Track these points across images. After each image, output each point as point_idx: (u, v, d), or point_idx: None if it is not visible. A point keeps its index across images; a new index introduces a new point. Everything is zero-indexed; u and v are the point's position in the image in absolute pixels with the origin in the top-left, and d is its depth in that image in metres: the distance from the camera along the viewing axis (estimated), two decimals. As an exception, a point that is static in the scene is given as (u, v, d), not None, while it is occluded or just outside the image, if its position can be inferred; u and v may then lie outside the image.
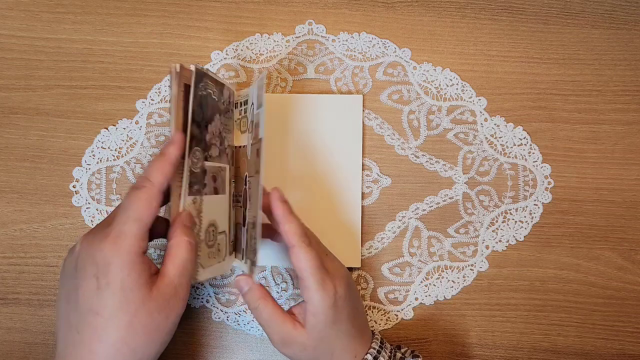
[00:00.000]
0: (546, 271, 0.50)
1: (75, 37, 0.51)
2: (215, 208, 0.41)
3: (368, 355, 0.40)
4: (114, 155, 0.50)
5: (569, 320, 0.49)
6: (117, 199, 0.49)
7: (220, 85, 0.42)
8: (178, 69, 0.36)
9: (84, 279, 0.32)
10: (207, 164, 0.39)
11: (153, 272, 0.34)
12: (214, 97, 0.40)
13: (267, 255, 0.48)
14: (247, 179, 0.44)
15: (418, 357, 0.43)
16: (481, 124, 0.51)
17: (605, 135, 0.51)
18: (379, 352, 0.41)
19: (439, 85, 0.51)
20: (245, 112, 0.45)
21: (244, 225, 0.43)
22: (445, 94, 0.51)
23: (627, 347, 0.49)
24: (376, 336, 0.42)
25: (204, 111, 0.39)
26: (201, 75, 0.38)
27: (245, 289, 0.39)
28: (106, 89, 0.50)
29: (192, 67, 0.37)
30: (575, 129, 0.51)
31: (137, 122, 0.50)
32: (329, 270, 0.39)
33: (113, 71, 0.50)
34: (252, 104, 0.43)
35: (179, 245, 0.35)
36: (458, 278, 0.49)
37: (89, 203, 0.49)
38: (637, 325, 0.49)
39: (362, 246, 0.49)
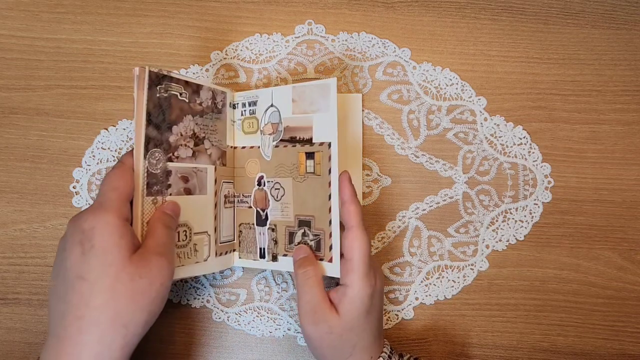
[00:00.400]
0: (546, 271, 0.50)
1: (75, 37, 0.51)
2: (189, 209, 0.41)
3: (380, 358, 0.41)
4: (113, 156, 0.50)
5: (569, 320, 0.49)
6: None
7: (194, 87, 0.42)
8: (137, 72, 0.37)
9: (71, 248, 0.33)
10: (172, 164, 0.40)
11: (135, 242, 0.35)
12: (181, 98, 0.41)
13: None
14: (265, 179, 0.44)
15: None
16: (481, 123, 0.51)
17: (605, 135, 0.51)
18: (389, 357, 0.41)
19: (439, 84, 0.51)
20: (252, 112, 0.45)
21: (261, 225, 0.44)
22: (445, 93, 0.51)
23: (627, 347, 0.49)
24: (386, 342, 0.43)
25: (165, 113, 0.39)
26: (158, 77, 0.38)
27: (303, 256, 0.41)
28: (106, 89, 0.50)
29: (145, 70, 0.38)
30: (575, 129, 0.51)
31: None
32: (372, 263, 0.40)
33: (113, 71, 0.50)
34: (272, 105, 0.43)
35: (155, 222, 0.37)
36: (458, 277, 0.49)
37: (89, 204, 0.49)
38: (637, 325, 0.49)
39: None
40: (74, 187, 0.49)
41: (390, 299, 0.49)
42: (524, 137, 0.50)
